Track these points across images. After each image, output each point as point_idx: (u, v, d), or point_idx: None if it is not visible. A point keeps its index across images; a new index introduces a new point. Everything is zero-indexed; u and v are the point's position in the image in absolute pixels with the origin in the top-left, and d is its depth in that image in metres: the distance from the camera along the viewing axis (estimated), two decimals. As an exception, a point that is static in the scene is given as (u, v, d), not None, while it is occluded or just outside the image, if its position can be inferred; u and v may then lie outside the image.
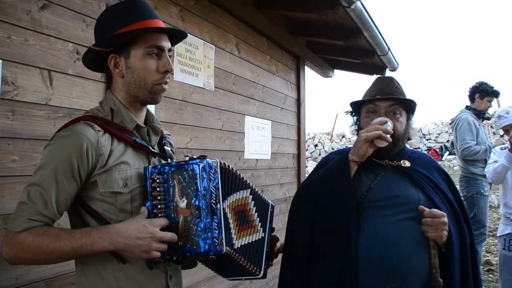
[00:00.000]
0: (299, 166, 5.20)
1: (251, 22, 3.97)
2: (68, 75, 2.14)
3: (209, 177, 1.37)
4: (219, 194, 1.41)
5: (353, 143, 1.85)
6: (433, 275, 1.70)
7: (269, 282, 4.39)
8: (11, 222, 1.27)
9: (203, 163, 1.36)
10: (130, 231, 1.29)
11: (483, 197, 4.86)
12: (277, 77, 4.66)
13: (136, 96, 1.45)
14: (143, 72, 1.42)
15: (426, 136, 20.89)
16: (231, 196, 1.50)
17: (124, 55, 1.42)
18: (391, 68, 5.68)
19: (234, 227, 1.49)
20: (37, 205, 1.27)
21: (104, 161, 1.36)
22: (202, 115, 3.32)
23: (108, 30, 1.41)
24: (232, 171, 1.50)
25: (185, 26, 3.09)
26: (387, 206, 1.78)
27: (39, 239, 1.25)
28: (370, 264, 1.70)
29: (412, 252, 1.72)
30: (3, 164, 1.84)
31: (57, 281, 2.05)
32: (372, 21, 4.11)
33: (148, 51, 1.41)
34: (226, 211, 1.45)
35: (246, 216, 1.58)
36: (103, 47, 1.41)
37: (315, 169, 2.07)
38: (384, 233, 1.73)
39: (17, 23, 1.90)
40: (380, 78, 2.03)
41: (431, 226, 1.70)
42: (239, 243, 1.52)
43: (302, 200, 1.93)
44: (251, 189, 1.60)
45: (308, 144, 19.26)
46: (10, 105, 1.87)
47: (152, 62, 1.42)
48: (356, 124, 2.02)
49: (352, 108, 2.03)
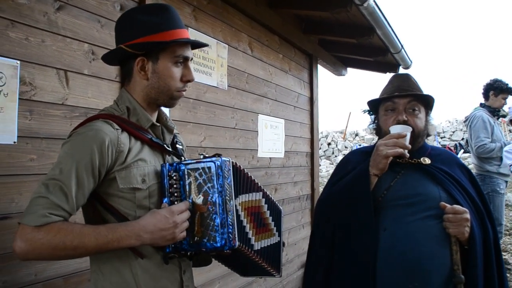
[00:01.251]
0: (312, 165, 5.20)
1: (263, 21, 3.98)
2: (84, 75, 2.17)
3: (224, 174, 1.41)
4: (232, 192, 1.44)
5: (366, 142, 1.86)
6: (454, 271, 1.70)
7: (283, 281, 4.40)
8: (28, 216, 1.24)
9: (219, 161, 1.40)
10: (154, 225, 1.33)
11: (498, 195, 4.81)
12: (290, 75, 4.67)
13: (156, 99, 1.49)
14: (169, 80, 1.46)
15: (440, 134, 20.70)
16: (243, 196, 1.53)
17: (152, 59, 1.45)
18: (404, 66, 5.64)
19: (250, 227, 1.53)
20: (57, 197, 1.26)
21: (123, 158, 1.38)
22: (215, 114, 3.34)
23: (142, 31, 1.43)
24: (243, 171, 1.54)
25: (198, 26, 3.11)
26: (407, 205, 1.77)
27: (61, 235, 1.24)
28: (391, 264, 1.70)
29: (434, 250, 1.71)
30: (21, 163, 1.88)
31: (74, 278, 2.08)
32: (385, 18, 4.09)
33: (176, 60, 1.46)
34: (238, 208, 1.48)
35: (262, 219, 1.62)
36: (136, 49, 1.42)
37: (335, 172, 2.08)
38: (405, 232, 1.72)
39: (34, 24, 1.94)
40: (396, 75, 2.03)
41: (453, 222, 1.70)
42: (259, 245, 1.57)
43: (321, 218, 1.95)
44: (263, 192, 1.64)
45: (321, 143, 19.21)
46: (28, 105, 1.91)
47: (178, 71, 1.47)
48: (374, 123, 2.01)
49: (369, 106, 2.03)
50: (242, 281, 3.66)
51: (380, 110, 1.94)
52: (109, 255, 1.40)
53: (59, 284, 2.01)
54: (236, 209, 1.46)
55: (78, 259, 2.07)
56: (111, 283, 1.41)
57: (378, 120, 1.95)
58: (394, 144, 1.73)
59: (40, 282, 1.92)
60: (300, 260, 4.76)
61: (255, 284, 3.88)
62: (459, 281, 1.68)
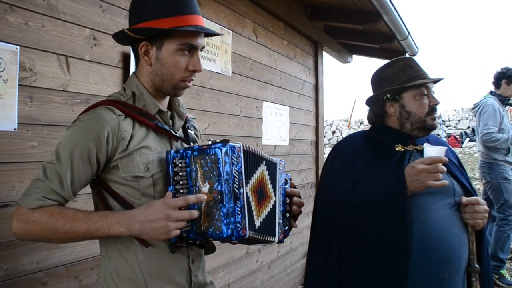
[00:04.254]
0: (317, 153, 5.17)
1: (268, 6, 3.92)
2: (85, 61, 2.14)
3: (232, 161, 1.35)
4: (242, 179, 1.38)
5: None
6: (470, 261, 1.73)
7: (287, 269, 4.40)
8: (25, 197, 1.26)
9: (226, 147, 1.33)
10: (144, 216, 1.29)
11: (508, 181, 4.79)
12: (295, 62, 4.61)
13: (160, 87, 1.44)
14: (172, 68, 1.40)
15: (446, 122, 20.61)
16: (252, 178, 1.46)
17: (156, 45, 1.39)
18: (411, 53, 5.58)
19: (255, 208, 1.46)
20: (53, 183, 1.27)
21: (125, 145, 1.35)
22: (219, 101, 3.30)
23: (149, 15, 1.37)
24: (253, 152, 1.46)
25: (202, 11, 3.05)
26: (427, 194, 1.73)
27: (54, 219, 1.25)
28: (426, 257, 1.68)
29: (462, 239, 1.73)
30: (22, 150, 1.86)
31: (76, 266, 2.07)
32: (392, 4, 4.02)
33: (182, 47, 1.38)
34: (249, 194, 1.42)
35: (263, 190, 1.52)
36: (137, 34, 1.38)
37: (339, 169, 1.92)
38: (434, 222, 1.71)
39: (34, 9, 1.90)
40: (406, 58, 1.97)
41: (473, 213, 1.71)
42: (259, 221, 1.47)
43: (338, 227, 1.81)
44: (266, 160, 1.55)
45: (326, 131, 19.18)
46: (28, 91, 1.87)
47: (183, 59, 1.40)
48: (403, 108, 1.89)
49: (393, 91, 1.90)
50: (245, 269, 3.65)
51: (407, 95, 1.86)
52: (116, 242, 1.39)
53: (61, 272, 2.00)
54: (247, 196, 1.40)
55: (80, 247, 2.07)
56: (117, 269, 1.40)
57: (405, 106, 1.86)
58: (436, 171, 1.66)
59: (42, 271, 1.91)
60: (304, 249, 4.75)
61: (259, 273, 3.88)
62: (475, 270, 1.71)
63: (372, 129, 2.00)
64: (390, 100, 1.88)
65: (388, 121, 1.93)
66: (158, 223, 1.28)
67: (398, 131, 1.89)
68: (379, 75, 1.97)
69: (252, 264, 3.78)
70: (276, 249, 4.21)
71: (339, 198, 1.80)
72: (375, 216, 1.73)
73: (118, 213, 1.31)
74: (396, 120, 1.90)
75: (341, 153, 1.97)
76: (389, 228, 1.70)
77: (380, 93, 1.91)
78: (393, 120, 1.91)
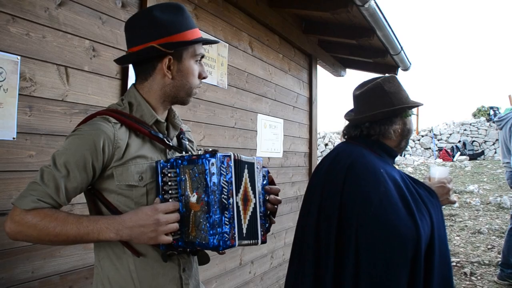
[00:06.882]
0: (310, 165, 5.20)
1: (264, 20, 3.97)
2: (84, 72, 2.16)
3: (220, 172, 1.35)
4: (232, 189, 1.39)
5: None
6: None
7: (279, 281, 4.40)
8: (20, 199, 1.29)
9: (214, 158, 1.34)
10: (134, 221, 1.31)
11: None
12: (289, 75, 4.66)
13: (175, 97, 1.51)
14: (191, 77, 1.50)
15: (437, 136, 20.76)
16: (242, 186, 1.46)
17: (177, 58, 1.46)
18: (403, 67, 5.65)
19: (243, 216, 1.45)
20: (49, 188, 1.30)
21: (121, 154, 1.38)
22: (215, 113, 3.33)
23: (167, 30, 1.42)
24: (240, 159, 1.45)
25: (199, 24, 3.10)
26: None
27: (46, 221, 1.27)
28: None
29: None
30: (20, 159, 1.87)
31: (72, 275, 2.07)
32: (385, 20, 4.09)
33: (196, 58, 1.50)
34: (239, 204, 1.43)
35: (246, 195, 1.48)
36: (167, 48, 1.42)
37: (376, 191, 1.75)
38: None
39: (35, 20, 1.93)
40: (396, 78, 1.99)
41: None
42: (245, 227, 1.45)
43: None
44: (247, 163, 1.50)
45: (319, 143, 19.23)
46: (28, 101, 1.89)
47: (197, 69, 1.52)
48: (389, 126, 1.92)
49: (400, 110, 1.91)
50: (239, 280, 3.65)
51: (404, 116, 1.96)
52: (107, 251, 1.42)
53: (55, 281, 2.00)
54: (237, 206, 1.41)
55: (75, 257, 2.07)
56: (108, 277, 1.42)
57: (406, 124, 1.93)
58: (448, 192, 1.89)
59: (37, 279, 1.91)
60: (296, 260, 4.74)
61: (251, 284, 3.88)
62: None
63: (367, 145, 1.94)
64: (404, 117, 1.93)
65: (386, 139, 1.93)
66: (148, 227, 1.31)
67: (393, 150, 1.94)
68: (384, 89, 1.91)
69: (245, 275, 3.78)
70: (269, 261, 4.22)
71: (411, 231, 1.67)
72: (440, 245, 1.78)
73: (109, 218, 1.34)
74: (396, 138, 1.93)
75: (379, 173, 1.80)
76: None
77: (400, 109, 1.89)
78: (394, 137, 1.92)
